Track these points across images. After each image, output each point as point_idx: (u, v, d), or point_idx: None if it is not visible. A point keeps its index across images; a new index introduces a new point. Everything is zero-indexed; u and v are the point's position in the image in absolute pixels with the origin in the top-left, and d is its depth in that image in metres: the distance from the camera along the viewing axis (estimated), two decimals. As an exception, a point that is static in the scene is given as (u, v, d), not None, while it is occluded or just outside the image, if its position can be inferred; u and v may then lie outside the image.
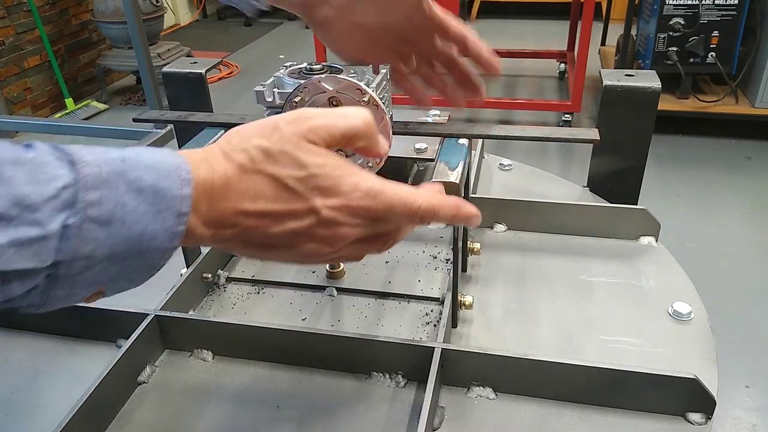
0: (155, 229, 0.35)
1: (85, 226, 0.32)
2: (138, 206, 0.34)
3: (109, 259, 0.34)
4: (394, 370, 0.66)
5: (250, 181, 0.39)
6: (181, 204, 0.36)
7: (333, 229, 0.42)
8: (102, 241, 0.33)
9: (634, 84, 0.87)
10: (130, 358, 0.65)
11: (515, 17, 5.00)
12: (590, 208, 0.88)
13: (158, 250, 0.36)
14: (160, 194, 0.35)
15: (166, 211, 0.35)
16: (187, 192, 0.36)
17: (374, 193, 0.42)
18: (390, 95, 0.69)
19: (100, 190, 0.32)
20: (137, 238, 0.34)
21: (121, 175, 0.34)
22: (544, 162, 2.72)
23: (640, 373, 0.59)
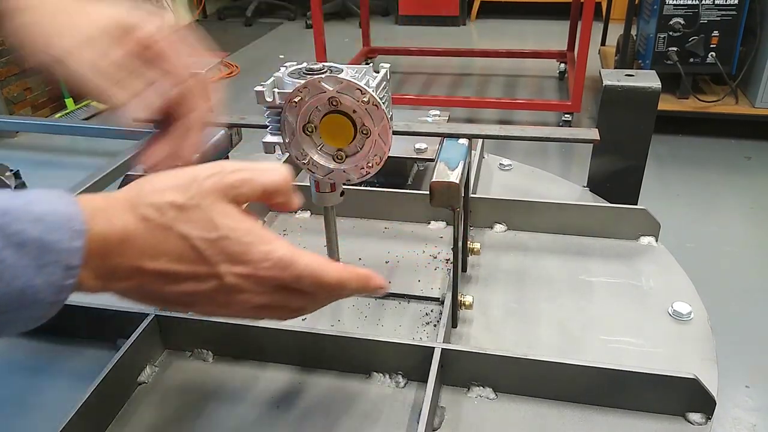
0: (38, 283, 0.33)
1: None
2: (18, 261, 0.32)
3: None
4: (394, 370, 0.66)
5: (154, 238, 0.38)
6: (70, 257, 0.34)
7: (232, 296, 0.41)
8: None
9: (634, 84, 0.87)
10: (130, 358, 0.65)
11: (515, 17, 5.00)
12: (590, 208, 0.88)
13: (43, 303, 0.34)
14: (45, 248, 0.33)
15: (51, 265, 0.33)
16: (77, 244, 0.34)
17: (284, 264, 0.40)
18: (390, 95, 0.69)
19: None
20: (17, 293, 0.33)
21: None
22: (544, 162, 2.72)
23: (640, 373, 0.59)
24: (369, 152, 0.61)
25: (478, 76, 3.89)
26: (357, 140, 0.61)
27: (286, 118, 0.61)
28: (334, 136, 0.61)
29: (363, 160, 0.62)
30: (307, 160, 0.63)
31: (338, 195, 0.69)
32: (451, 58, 4.04)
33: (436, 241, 0.89)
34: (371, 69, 0.65)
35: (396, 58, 4.06)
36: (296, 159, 0.63)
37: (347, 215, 0.95)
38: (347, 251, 0.83)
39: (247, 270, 0.40)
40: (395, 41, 4.54)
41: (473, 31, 4.90)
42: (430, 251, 0.87)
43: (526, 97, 3.47)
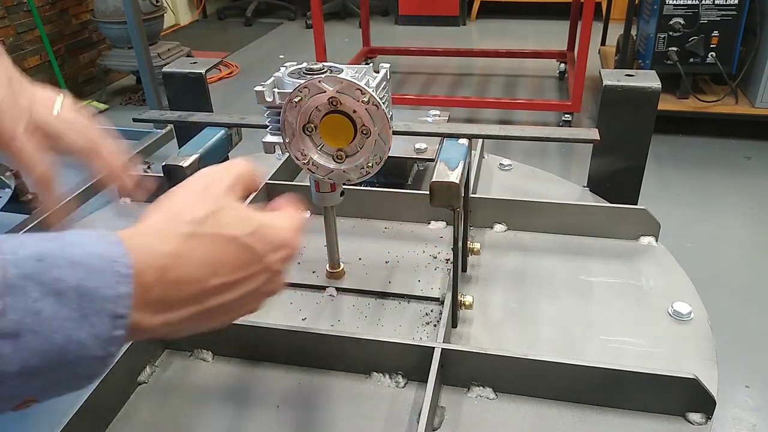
0: (82, 337, 0.30)
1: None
2: (57, 313, 0.29)
3: (23, 374, 0.29)
4: (394, 370, 0.66)
5: (206, 251, 0.36)
6: (116, 305, 0.31)
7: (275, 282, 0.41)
8: (9, 356, 0.28)
9: (634, 84, 0.87)
10: (130, 358, 0.65)
11: (515, 17, 4.99)
12: (590, 208, 0.88)
13: (91, 359, 0.30)
14: (87, 296, 0.30)
15: (96, 315, 0.30)
16: (124, 290, 0.31)
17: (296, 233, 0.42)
18: (390, 95, 0.69)
19: (3, 299, 0.28)
20: (59, 349, 0.29)
21: (33, 278, 0.29)
22: (544, 162, 2.72)
23: (640, 373, 0.59)
24: (369, 152, 0.61)
25: (478, 76, 3.88)
26: (357, 140, 0.61)
27: (286, 118, 0.61)
28: (334, 136, 0.61)
29: (363, 160, 0.62)
30: (307, 160, 0.63)
31: (338, 195, 0.69)
32: (451, 58, 4.04)
33: (436, 241, 0.89)
34: (371, 69, 0.65)
35: (396, 58, 4.06)
36: (296, 159, 0.63)
37: (347, 215, 0.95)
38: (347, 251, 0.83)
39: (286, 252, 0.41)
40: (395, 41, 4.54)
41: (473, 31, 4.90)
42: (430, 251, 0.87)
43: (526, 97, 3.47)
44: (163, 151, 2.52)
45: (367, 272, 0.83)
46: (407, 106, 3.22)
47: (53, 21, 3.53)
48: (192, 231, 0.36)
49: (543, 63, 3.81)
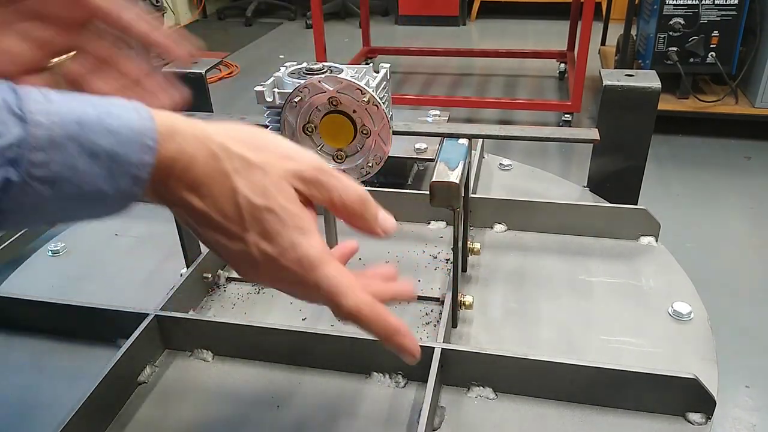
0: (107, 189, 0.35)
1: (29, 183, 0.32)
2: (90, 168, 0.34)
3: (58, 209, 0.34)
4: (394, 370, 0.66)
5: (208, 177, 0.38)
6: (139, 170, 0.35)
7: (253, 267, 0.40)
8: (47, 196, 0.33)
9: (634, 84, 0.87)
10: (130, 358, 0.65)
11: (515, 17, 4.99)
12: (590, 208, 0.88)
13: (111, 206, 0.36)
14: (116, 160, 0.34)
15: (121, 176, 0.35)
16: (148, 159, 0.35)
17: (307, 265, 0.40)
18: (390, 95, 0.69)
19: (48, 152, 0.32)
20: (87, 194, 0.34)
21: (74, 138, 0.33)
22: (544, 162, 2.72)
23: (640, 373, 0.59)
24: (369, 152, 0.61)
25: (478, 76, 3.88)
26: (357, 140, 0.61)
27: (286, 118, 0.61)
28: (334, 136, 0.61)
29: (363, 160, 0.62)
30: (307, 160, 0.63)
31: (338, 195, 0.69)
32: (451, 58, 4.04)
33: (436, 241, 0.89)
34: (371, 69, 0.65)
35: (396, 58, 4.06)
36: (296, 159, 0.63)
37: (347, 215, 0.94)
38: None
39: (271, 251, 0.39)
40: (395, 41, 4.54)
41: (473, 31, 4.89)
42: (430, 251, 0.87)
43: (526, 97, 3.47)
44: (163, 151, 2.50)
45: (367, 272, 0.82)
46: (407, 106, 3.22)
47: (53, 21, 3.53)
48: (217, 154, 0.38)
49: (543, 63, 3.81)
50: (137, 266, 0.88)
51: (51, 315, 0.74)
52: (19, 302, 0.75)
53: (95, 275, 0.87)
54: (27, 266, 0.90)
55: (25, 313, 0.75)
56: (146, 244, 0.93)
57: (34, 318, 0.75)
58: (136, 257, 0.90)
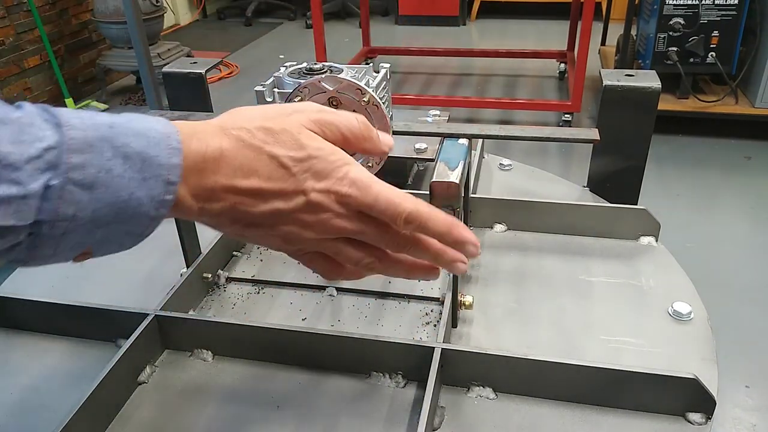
0: (141, 196, 0.34)
1: (68, 188, 0.32)
2: (124, 172, 0.34)
3: (92, 222, 0.34)
4: (394, 370, 0.66)
5: (245, 157, 0.39)
6: (170, 173, 0.35)
7: (318, 215, 0.41)
8: (85, 204, 0.33)
9: (634, 84, 0.87)
10: (130, 358, 0.65)
11: (515, 17, 4.99)
12: (590, 208, 0.88)
13: (145, 217, 0.36)
14: (148, 161, 0.35)
15: (153, 179, 0.35)
16: (176, 161, 0.36)
17: (362, 184, 0.41)
18: (390, 95, 0.69)
19: (85, 154, 0.32)
20: (122, 203, 0.34)
21: (107, 140, 0.33)
22: (544, 162, 2.72)
23: (640, 373, 0.59)
24: (369, 152, 0.61)
25: (478, 76, 3.88)
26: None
27: (286, 118, 0.61)
28: (334, 136, 0.61)
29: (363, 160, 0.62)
30: (307, 160, 0.63)
31: (338, 195, 0.69)
32: (451, 58, 4.04)
33: (436, 241, 0.89)
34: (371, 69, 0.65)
35: (396, 58, 4.06)
36: (296, 159, 0.63)
37: (347, 215, 0.94)
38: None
39: (328, 185, 0.41)
40: (395, 41, 4.54)
41: (473, 31, 4.90)
42: (430, 251, 0.87)
43: (526, 97, 3.47)
44: (163, 151, 2.50)
45: (367, 272, 0.83)
46: (407, 106, 3.22)
47: (53, 21, 3.53)
48: (240, 136, 0.39)
49: (543, 63, 3.81)
50: (137, 266, 0.88)
51: (51, 315, 0.74)
52: (19, 302, 0.75)
53: (95, 275, 0.87)
54: (27, 266, 0.90)
55: (25, 313, 0.75)
56: (146, 244, 0.92)
57: (34, 318, 0.75)
58: (136, 257, 0.90)
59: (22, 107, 0.33)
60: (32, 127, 0.32)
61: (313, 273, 0.83)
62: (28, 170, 0.31)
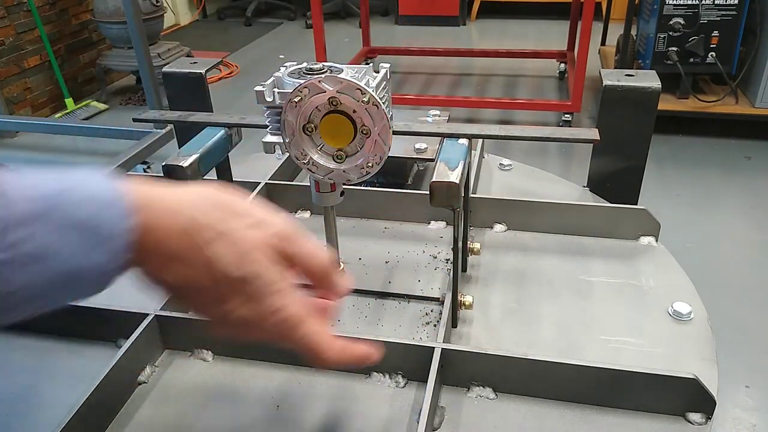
0: (89, 265, 0.34)
1: (18, 260, 0.32)
2: (73, 239, 0.33)
3: (44, 290, 0.34)
4: (394, 370, 0.66)
5: (184, 251, 0.38)
6: (119, 238, 0.35)
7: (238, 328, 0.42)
8: (36, 274, 0.33)
9: (634, 84, 0.87)
10: (130, 358, 0.65)
11: (515, 17, 4.99)
12: (590, 208, 0.88)
13: (93, 284, 0.35)
14: (97, 228, 0.34)
15: (103, 246, 0.34)
16: (126, 226, 0.35)
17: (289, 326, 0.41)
18: (390, 95, 0.69)
19: (32, 227, 0.32)
20: (74, 272, 0.34)
21: (55, 209, 0.33)
22: (544, 162, 2.72)
23: (640, 373, 0.59)
24: (369, 152, 0.61)
25: (478, 76, 3.88)
26: (357, 140, 0.61)
27: (286, 118, 0.61)
28: (334, 136, 0.61)
29: (363, 160, 0.62)
30: (307, 160, 0.63)
31: (338, 195, 0.69)
32: (451, 58, 4.04)
33: (436, 241, 0.89)
34: (371, 69, 0.65)
35: (396, 58, 4.06)
36: (296, 159, 0.63)
37: (347, 215, 0.95)
38: (347, 251, 0.83)
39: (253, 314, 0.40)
40: (395, 41, 4.54)
41: (473, 31, 4.89)
42: (430, 251, 0.87)
43: (526, 97, 3.47)
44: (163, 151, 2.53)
45: (367, 272, 0.83)
46: (407, 106, 3.22)
47: (53, 21, 3.53)
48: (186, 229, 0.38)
49: (543, 63, 3.81)
50: (137, 266, 0.87)
51: (51, 315, 0.73)
52: (19, 302, 0.74)
53: (95, 275, 0.87)
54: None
55: None
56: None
57: (34, 318, 0.75)
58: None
59: None
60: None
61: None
62: None
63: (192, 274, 0.38)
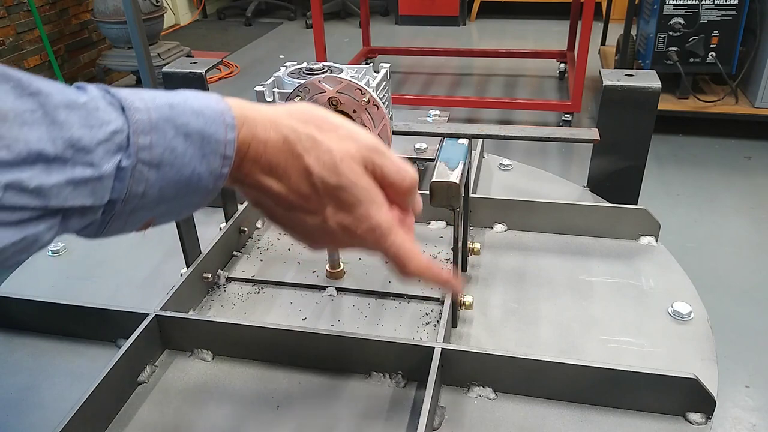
0: (202, 171, 0.36)
1: (138, 168, 0.33)
2: (186, 150, 0.35)
3: (159, 198, 0.35)
4: (394, 370, 0.66)
5: (283, 160, 0.40)
6: (226, 148, 0.37)
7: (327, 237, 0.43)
8: (153, 182, 0.34)
9: (634, 84, 0.87)
10: (130, 358, 0.65)
11: (515, 17, 4.99)
12: (590, 208, 0.88)
13: (204, 190, 0.37)
14: (206, 139, 0.36)
15: (212, 155, 0.36)
16: (231, 137, 0.37)
17: (379, 233, 0.43)
18: (390, 95, 0.69)
19: (150, 135, 0.34)
20: (186, 180, 0.36)
21: (169, 120, 0.35)
22: (544, 162, 2.72)
23: (640, 373, 0.59)
24: (369, 152, 0.61)
25: (478, 76, 3.88)
26: None
27: (286, 118, 0.61)
28: (334, 136, 0.61)
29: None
30: (307, 160, 0.63)
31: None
32: (451, 58, 4.04)
33: (436, 241, 0.89)
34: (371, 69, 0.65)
35: (396, 58, 4.06)
36: (296, 159, 0.63)
37: (347, 215, 0.94)
38: (347, 251, 0.83)
39: (347, 222, 0.42)
40: (395, 41, 4.54)
41: (473, 31, 4.89)
42: (430, 251, 0.87)
43: (526, 96, 3.47)
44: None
45: (367, 272, 0.83)
46: (407, 106, 3.22)
47: (53, 21, 3.53)
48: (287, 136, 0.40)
49: (543, 63, 3.81)
50: (137, 266, 0.88)
51: (51, 315, 0.74)
52: (19, 302, 0.75)
53: (95, 275, 0.87)
54: (27, 266, 0.90)
55: (25, 313, 0.75)
56: (146, 244, 0.93)
57: (34, 318, 0.75)
58: (136, 257, 0.90)
59: (86, 90, 0.34)
60: (98, 111, 0.33)
61: (313, 273, 0.84)
62: (100, 153, 0.32)
63: (292, 183, 0.40)
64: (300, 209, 0.41)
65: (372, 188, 0.42)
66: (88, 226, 0.34)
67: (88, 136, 0.32)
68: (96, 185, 0.32)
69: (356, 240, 0.43)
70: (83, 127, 0.32)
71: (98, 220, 0.34)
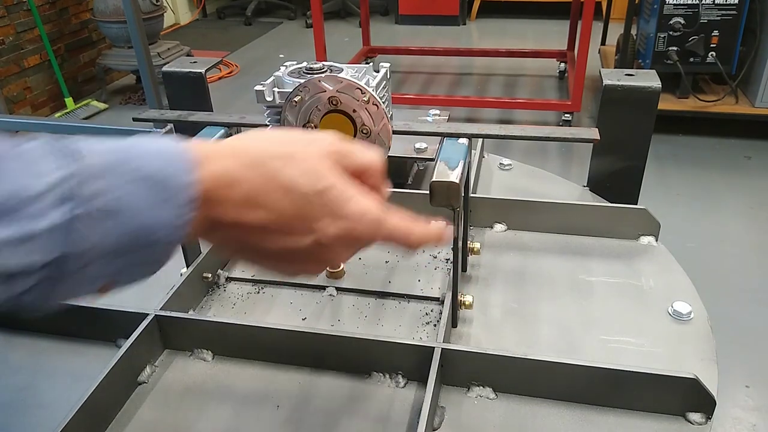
0: (163, 217, 0.34)
1: (94, 214, 0.31)
2: (142, 195, 0.33)
3: (115, 251, 0.33)
4: (394, 370, 0.66)
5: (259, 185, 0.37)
6: (188, 189, 0.34)
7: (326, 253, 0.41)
8: (108, 231, 0.32)
9: (634, 83, 0.87)
10: (130, 358, 0.65)
11: (515, 17, 4.99)
12: (590, 208, 0.88)
13: (165, 240, 0.35)
14: (165, 181, 0.34)
15: (174, 198, 0.34)
16: (193, 177, 0.35)
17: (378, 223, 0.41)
18: (390, 95, 0.69)
19: (104, 180, 0.32)
20: (146, 228, 0.33)
21: (124, 163, 0.33)
22: (544, 162, 2.72)
23: (640, 373, 0.59)
24: (369, 152, 0.61)
25: (478, 75, 3.88)
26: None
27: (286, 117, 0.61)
28: (334, 136, 0.61)
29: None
30: (307, 160, 0.63)
31: (338, 195, 0.69)
32: (451, 57, 4.04)
33: (436, 241, 0.89)
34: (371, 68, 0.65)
35: (396, 58, 4.06)
36: (296, 159, 0.63)
37: (347, 215, 0.94)
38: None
39: (345, 225, 0.39)
40: (395, 41, 4.54)
41: (473, 30, 4.89)
42: (430, 251, 0.87)
43: (526, 96, 3.47)
44: (163, 151, 2.49)
45: (367, 272, 0.83)
46: (407, 106, 3.22)
47: (53, 20, 3.53)
48: (254, 161, 0.37)
49: (543, 63, 3.81)
50: (137, 266, 0.87)
51: (51, 315, 0.73)
52: (18, 302, 0.74)
53: (95, 275, 0.87)
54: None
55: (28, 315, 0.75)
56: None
57: (34, 318, 0.75)
58: (136, 257, 0.90)
59: (34, 139, 0.32)
60: (46, 158, 0.31)
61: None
62: (48, 201, 0.30)
63: (274, 207, 0.38)
64: (289, 234, 0.39)
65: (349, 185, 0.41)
66: (33, 287, 0.31)
67: (35, 186, 0.30)
68: (45, 238, 0.30)
69: (354, 242, 0.41)
70: (29, 177, 0.30)
71: (41, 284, 0.31)
